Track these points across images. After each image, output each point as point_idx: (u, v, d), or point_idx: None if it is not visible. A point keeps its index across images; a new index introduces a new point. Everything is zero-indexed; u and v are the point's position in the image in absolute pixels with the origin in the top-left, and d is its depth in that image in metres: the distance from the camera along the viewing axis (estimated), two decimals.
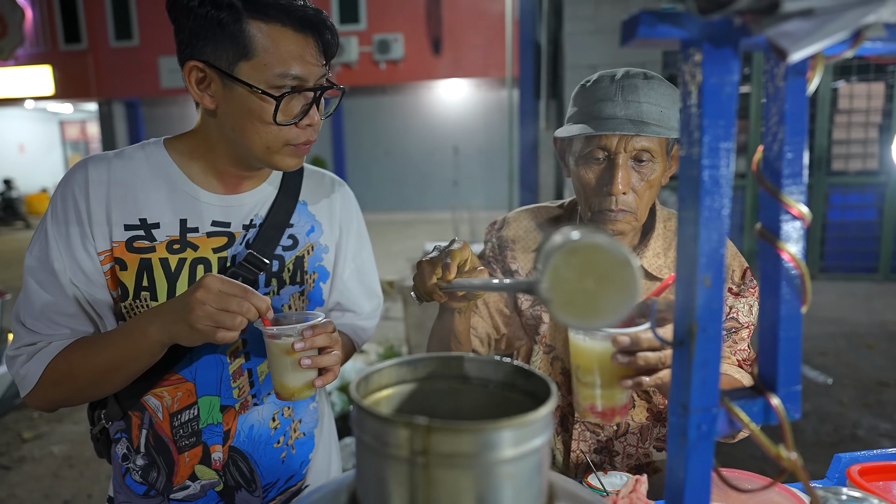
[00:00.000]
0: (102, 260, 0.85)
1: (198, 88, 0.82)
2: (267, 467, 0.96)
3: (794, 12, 0.37)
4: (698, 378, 0.44)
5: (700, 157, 0.42)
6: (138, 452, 0.93)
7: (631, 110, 0.91)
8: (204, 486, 0.93)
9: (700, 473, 0.46)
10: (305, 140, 0.86)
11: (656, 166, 0.94)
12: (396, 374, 0.49)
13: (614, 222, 0.95)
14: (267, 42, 0.79)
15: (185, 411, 0.91)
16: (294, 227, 0.97)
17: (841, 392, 3.35)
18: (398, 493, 0.38)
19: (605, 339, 0.70)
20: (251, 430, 0.94)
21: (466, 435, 0.36)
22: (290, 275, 0.95)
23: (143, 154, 0.90)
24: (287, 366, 0.82)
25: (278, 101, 0.80)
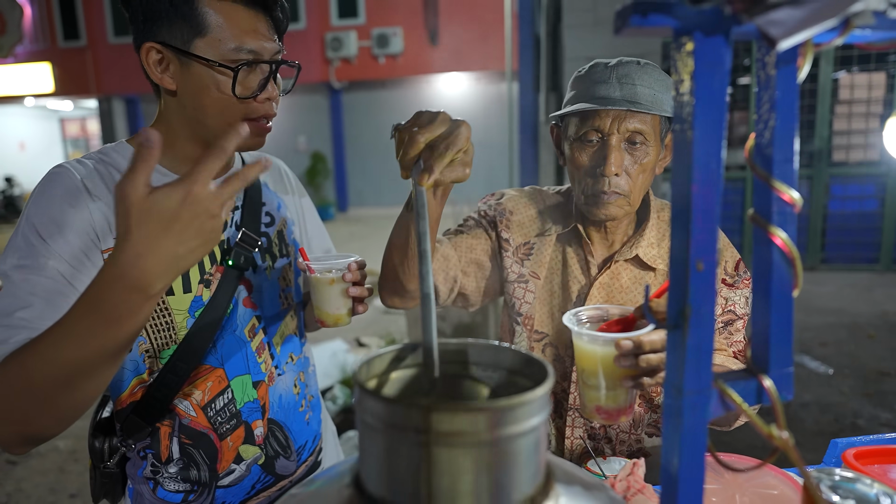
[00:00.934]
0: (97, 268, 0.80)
1: (156, 70, 0.83)
2: (297, 431, 1.03)
3: (783, 1, 0.38)
4: (692, 360, 0.46)
5: (692, 143, 0.43)
6: (169, 462, 0.91)
7: (625, 91, 0.93)
8: (248, 464, 0.96)
9: (694, 455, 0.47)
10: (264, 113, 0.86)
11: (650, 150, 0.96)
12: (398, 360, 0.51)
13: (607, 205, 0.96)
14: (220, 18, 0.80)
15: (217, 398, 0.93)
16: (266, 205, 1.02)
17: (842, 382, 3.37)
18: (400, 471, 0.39)
19: (608, 343, 0.73)
20: (281, 400, 1.00)
21: (465, 414, 0.37)
22: (277, 248, 1.02)
23: (112, 159, 0.87)
24: (334, 296, 0.94)
25: (235, 72, 0.81)
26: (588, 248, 1.04)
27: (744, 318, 1.01)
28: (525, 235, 1.08)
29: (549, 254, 1.07)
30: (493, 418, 0.38)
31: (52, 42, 13.24)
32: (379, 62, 11.90)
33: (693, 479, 0.47)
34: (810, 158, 5.85)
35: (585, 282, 1.05)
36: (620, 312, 0.77)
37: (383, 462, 0.40)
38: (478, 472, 0.38)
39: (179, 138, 0.88)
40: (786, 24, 0.38)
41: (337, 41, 11.67)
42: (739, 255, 1.05)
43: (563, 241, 1.07)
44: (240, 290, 0.94)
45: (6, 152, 15.94)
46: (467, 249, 1.07)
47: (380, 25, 11.71)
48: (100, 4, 12.84)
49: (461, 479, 0.38)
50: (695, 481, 0.47)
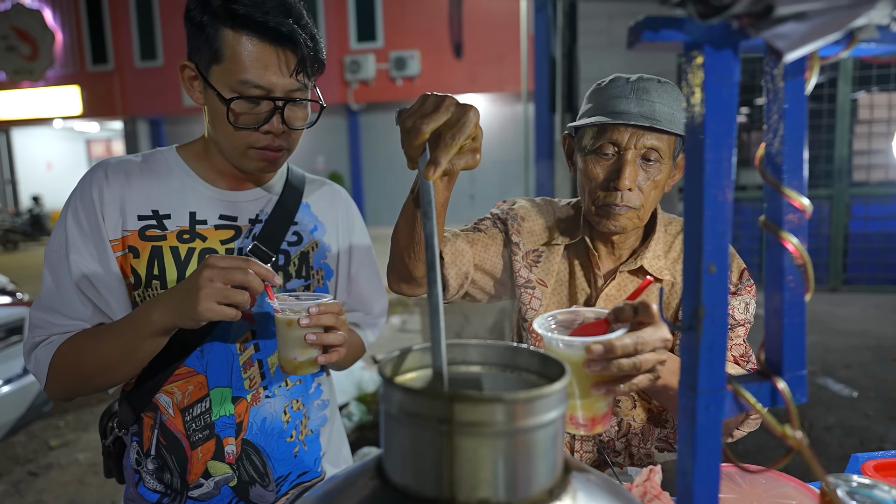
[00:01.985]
0: (114, 247, 0.90)
1: (191, 86, 0.90)
2: (279, 460, 0.99)
3: (788, 15, 0.40)
4: (706, 360, 0.47)
5: (703, 152, 0.45)
6: (149, 456, 0.94)
7: (644, 108, 0.94)
8: (218, 482, 0.95)
9: (709, 454, 0.48)
10: (266, 145, 0.89)
11: (663, 167, 0.97)
12: (420, 359, 0.53)
13: (617, 217, 0.97)
14: (235, 50, 0.85)
15: (196, 405, 0.93)
16: (298, 224, 1.02)
17: (867, 405, 3.29)
18: (423, 461, 0.41)
19: (581, 347, 0.66)
20: (264, 423, 0.97)
21: (486, 405, 0.39)
22: (295, 269, 1.00)
23: (156, 156, 0.96)
24: (291, 340, 0.85)
25: (227, 104, 0.85)
26: (594, 259, 1.05)
27: (745, 325, 1.01)
28: (534, 243, 1.09)
29: (557, 264, 1.07)
30: (514, 409, 0.40)
31: (82, 66, 13.72)
32: (396, 84, 12.10)
33: (708, 478, 0.48)
34: (830, 178, 5.80)
35: (592, 293, 1.05)
36: (595, 315, 0.72)
37: (407, 452, 0.42)
38: (498, 462, 0.40)
39: (212, 149, 0.95)
40: (791, 37, 0.41)
41: (355, 64, 11.91)
42: (745, 265, 1.06)
43: (571, 252, 1.08)
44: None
45: (34, 172, 16.41)
46: (483, 247, 1.07)
47: (397, 48, 11.94)
48: (128, 30, 13.29)
49: (482, 469, 0.40)
50: (710, 481, 0.48)
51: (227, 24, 0.84)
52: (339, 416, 1.14)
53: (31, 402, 2.71)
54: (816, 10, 0.40)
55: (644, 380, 0.67)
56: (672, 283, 1.04)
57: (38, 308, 0.91)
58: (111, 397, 1.03)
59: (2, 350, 2.65)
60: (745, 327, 1.01)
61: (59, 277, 0.90)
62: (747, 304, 1.01)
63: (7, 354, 2.67)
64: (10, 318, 2.70)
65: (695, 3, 0.40)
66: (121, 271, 0.91)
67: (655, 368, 0.67)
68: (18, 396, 2.65)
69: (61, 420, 3.49)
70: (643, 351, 0.65)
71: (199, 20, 0.85)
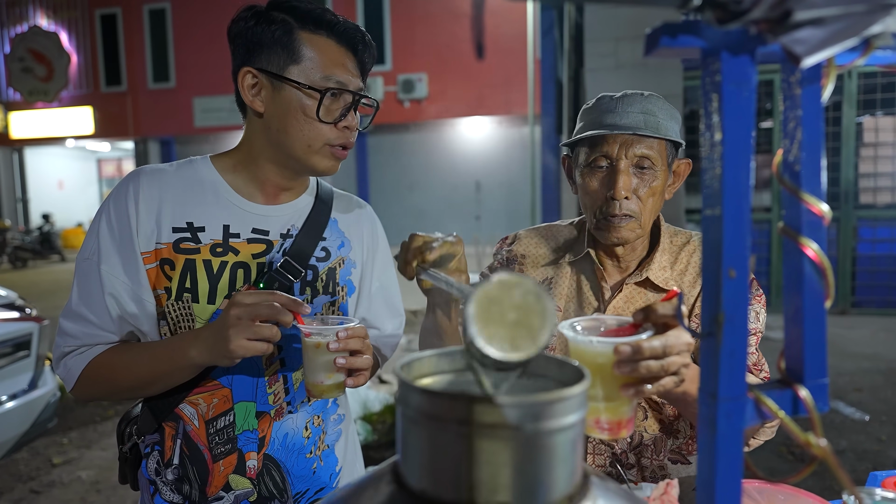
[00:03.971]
0: (146, 259, 0.91)
1: (249, 93, 0.92)
2: (298, 476, 0.98)
3: (806, 21, 0.40)
4: (726, 367, 0.46)
5: (722, 157, 0.45)
6: (169, 466, 0.94)
7: (629, 119, 0.97)
8: (238, 496, 0.94)
9: (731, 463, 0.47)
10: (343, 141, 0.93)
11: (657, 174, 0.99)
12: (435, 365, 0.52)
13: (618, 228, 0.99)
14: (313, 51, 0.90)
15: (220, 418, 0.93)
16: (327, 240, 1.02)
17: (879, 429, 3.23)
18: (442, 464, 0.40)
19: (608, 348, 0.66)
20: (285, 438, 0.97)
21: (506, 408, 0.39)
22: (322, 285, 1.00)
23: (192, 167, 0.97)
24: (319, 364, 0.85)
25: (322, 94, 0.89)
26: (601, 273, 1.05)
27: (756, 333, 1.00)
28: (542, 273, 1.10)
29: (567, 283, 1.08)
30: (534, 411, 0.39)
31: (95, 87, 13.97)
32: (404, 106, 12.24)
33: (730, 486, 0.47)
34: (836, 201, 5.79)
35: (600, 306, 1.06)
36: (617, 322, 0.71)
37: (425, 455, 0.41)
38: (518, 465, 0.40)
39: (258, 159, 0.96)
40: (809, 42, 0.41)
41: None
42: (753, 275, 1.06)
43: (577, 268, 1.09)
44: None
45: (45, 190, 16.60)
46: None
47: (405, 72, 12.11)
48: (141, 53, 13.57)
49: (502, 472, 0.40)
50: (732, 489, 0.47)
51: (304, 27, 0.90)
52: (354, 430, 1.13)
53: (36, 418, 2.70)
54: (834, 15, 0.41)
55: (670, 382, 0.68)
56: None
57: (67, 317, 0.92)
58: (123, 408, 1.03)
59: (8, 365, 2.64)
60: (757, 336, 1.01)
61: (90, 288, 0.91)
62: (757, 312, 1.01)
63: (13, 370, 2.66)
64: (19, 332, 2.70)
65: (713, 8, 0.41)
66: (151, 283, 0.92)
67: (680, 371, 0.68)
68: (23, 412, 2.64)
69: (65, 437, 3.47)
70: (670, 353, 0.66)
71: (267, 29, 0.89)
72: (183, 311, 0.91)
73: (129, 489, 1.02)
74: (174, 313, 0.91)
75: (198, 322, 0.92)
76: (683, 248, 1.07)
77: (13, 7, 14.34)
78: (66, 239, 14.97)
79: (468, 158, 13.26)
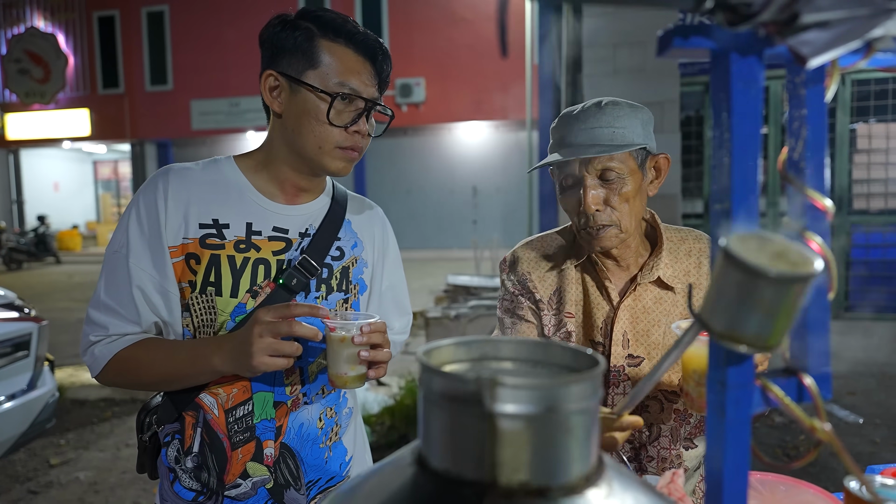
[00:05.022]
0: (172, 253, 0.95)
1: (270, 94, 0.97)
2: (311, 465, 1.02)
3: (812, 23, 0.42)
4: (734, 356, 0.48)
5: (731, 153, 0.47)
6: (189, 453, 0.97)
7: (584, 136, 0.99)
8: (255, 483, 0.97)
9: (739, 448, 0.49)
10: (352, 145, 0.96)
11: (626, 181, 1.00)
12: (453, 354, 0.54)
13: (599, 238, 1.02)
14: (332, 58, 0.94)
15: (239, 407, 0.96)
16: (341, 240, 1.06)
17: (873, 432, 3.26)
18: (465, 445, 0.42)
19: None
20: (301, 428, 1.00)
21: (528, 390, 0.41)
22: (337, 282, 1.04)
23: (217, 166, 1.01)
24: (343, 357, 0.89)
25: (333, 98, 0.92)
26: (604, 274, 1.08)
27: None
28: (551, 285, 1.12)
29: (574, 289, 1.11)
30: (554, 393, 0.41)
31: (93, 89, 13.95)
32: (402, 110, 12.28)
33: (738, 472, 0.49)
34: None
35: (609, 307, 1.08)
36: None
37: (448, 437, 0.43)
38: (539, 445, 0.41)
39: (277, 158, 1.00)
40: (815, 44, 0.43)
41: None
42: None
43: (581, 272, 1.11)
44: None
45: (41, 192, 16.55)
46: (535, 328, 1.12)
47: (403, 76, 12.15)
48: (139, 55, 13.56)
49: (523, 452, 0.41)
50: (739, 475, 0.49)
51: (326, 35, 0.94)
52: (362, 425, 1.17)
53: (35, 419, 2.69)
54: (838, 19, 0.43)
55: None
56: (683, 291, 1.07)
57: (95, 307, 0.96)
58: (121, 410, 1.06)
59: (7, 365, 2.64)
60: None
61: (118, 280, 0.95)
62: None
63: (12, 370, 2.66)
64: (18, 333, 2.69)
65: (724, 10, 0.43)
66: (177, 276, 0.95)
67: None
68: (22, 412, 2.64)
69: (62, 438, 3.46)
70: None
71: (290, 35, 0.94)
72: (206, 303, 0.95)
73: (129, 489, 1.04)
74: (198, 306, 0.95)
75: (220, 315, 0.95)
76: (680, 245, 1.09)
77: (10, 8, 14.32)
78: (62, 241, 14.91)
79: (465, 163, 13.30)
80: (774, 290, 0.42)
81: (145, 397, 1.08)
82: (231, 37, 12.77)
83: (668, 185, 3.47)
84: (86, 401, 4.08)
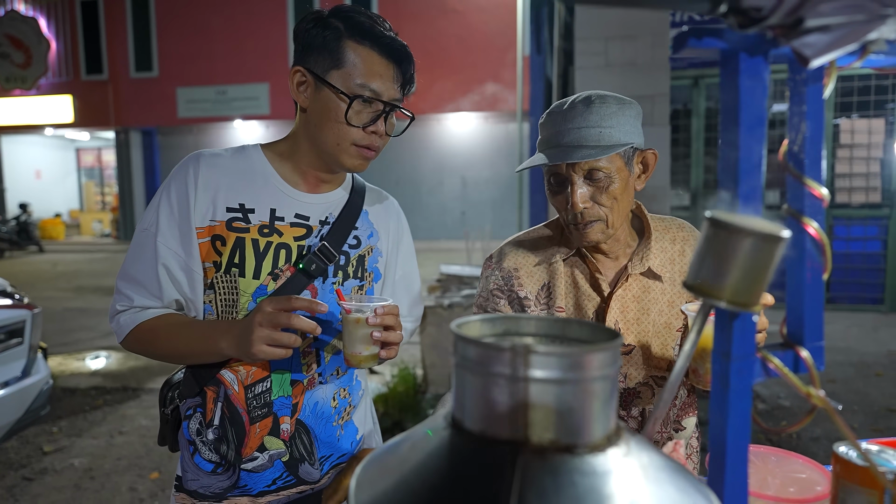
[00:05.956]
0: (199, 234, 0.99)
1: (297, 89, 1.00)
2: (324, 442, 1.06)
3: (814, 27, 0.47)
4: (738, 330, 0.53)
5: (738, 144, 0.52)
6: (210, 426, 1.02)
7: (571, 137, 1.00)
8: (272, 455, 1.02)
9: (741, 415, 0.54)
10: (368, 144, 1.00)
11: (613, 178, 1.01)
12: (479, 329, 0.58)
13: (586, 233, 1.04)
14: (357, 59, 0.96)
15: (258, 384, 1.01)
16: (358, 229, 1.10)
17: (851, 418, 3.38)
18: (499, 408, 0.46)
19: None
20: (315, 406, 1.05)
21: (558, 357, 0.45)
22: (353, 269, 1.08)
23: (245, 153, 1.05)
24: (358, 337, 0.94)
25: (351, 100, 0.96)
26: (594, 266, 1.10)
27: None
28: (539, 279, 1.13)
29: (563, 282, 1.12)
30: (580, 360, 0.45)
31: (76, 75, 13.69)
32: None
33: (739, 437, 0.54)
34: None
35: (600, 299, 1.10)
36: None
37: (483, 401, 0.47)
38: (566, 407, 0.46)
39: (300, 150, 1.04)
40: (816, 46, 0.48)
41: None
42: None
43: (570, 265, 1.13)
44: (304, 295, 1.02)
45: (23, 180, 16.25)
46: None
47: None
48: (123, 41, 13.32)
49: (553, 413, 0.46)
50: (741, 439, 0.54)
51: (353, 36, 0.97)
52: (372, 405, 1.22)
53: (29, 406, 2.70)
54: (838, 23, 0.47)
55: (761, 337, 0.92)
56: (672, 280, 1.10)
57: (123, 279, 1.01)
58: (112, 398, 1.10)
59: (1, 353, 2.64)
60: None
61: (146, 257, 0.99)
62: None
63: (6, 357, 2.66)
64: (11, 320, 2.69)
65: (736, 14, 0.47)
66: (202, 256, 0.99)
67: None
68: (16, 399, 2.64)
69: (55, 426, 3.46)
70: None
71: (320, 34, 0.97)
72: (230, 283, 0.99)
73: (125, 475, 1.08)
74: (222, 285, 0.99)
75: (241, 295, 0.99)
76: (666, 233, 1.12)
77: None
78: (44, 230, 14.69)
79: (455, 154, 13.32)
80: (750, 247, 0.48)
81: (136, 384, 1.12)
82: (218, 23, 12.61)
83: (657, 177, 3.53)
84: (77, 389, 4.07)
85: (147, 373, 4.35)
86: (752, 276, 0.49)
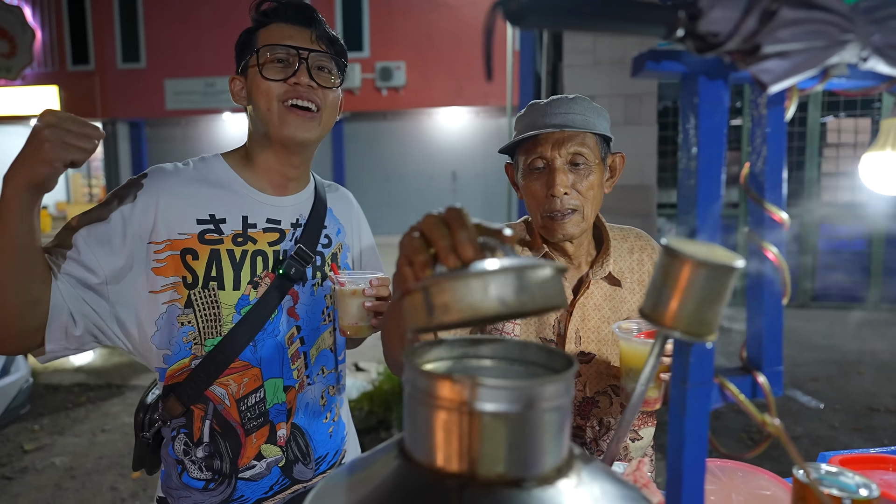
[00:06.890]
0: (162, 248, 0.95)
1: (239, 95, 1.02)
2: (319, 441, 1.07)
3: (772, 53, 0.46)
4: (696, 356, 0.52)
5: (697, 169, 0.51)
6: (200, 444, 0.98)
7: (557, 119, 1.04)
8: (269, 463, 1.01)
9: (697, 442, 0.53)
10: (293, 96, 0.97)
11: (592, 169, 1.05)
12: (435, 353, 0.57)
13: (563, 224, 1.04)
14: (265, 35, 1.00)
15: (251, 395, 0.99)
16: (327, 228, 1.11)
17: (833, 417, 3.41)
18: (447, 440, 0.45)
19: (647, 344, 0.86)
20: (307, 408, 1.05)
21: (505, 390, 0.44)
22: (328, 269, 1.09)
23: (206, 164, 1.03)
24: (354, 307, 0.99)
25: (257, 52, 0.97)
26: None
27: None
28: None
29: None
30: (530, 393, 0.44)
31: (62, 65, 13.48)
32: (381, 94, 12.17)
33: (696, 462, 0.53)
34: (800, 198, 6.02)
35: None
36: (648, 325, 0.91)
37: (432, 433, 0.46)
38: (515, 440, 0.45)
39: (256, 147, 1.04)
40: (774, 72, 0.47)
41: None
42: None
43: None
44: (287, 300, 1.02)
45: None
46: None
47: (383, 59, 12.02)
48: (110, 31, 13.13)
49: (501, 446, 0.45)
50: (698, 464, 0.53)
51: (261, 23, 1.00)
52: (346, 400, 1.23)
53: (9, 405, 2.66)
54: (796, 49, 0.46)
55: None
56: (632, 287, 1.12)
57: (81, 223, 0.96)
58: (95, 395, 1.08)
59: None
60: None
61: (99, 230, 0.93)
62: None
63: None
64: None
65: (693, 39, 0.46)
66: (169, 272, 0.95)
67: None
68: None
69: (36, 424, 3.42)
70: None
71: (244, 37, 1.02)
72: (209, 298, 0.97)
73: (106, 474, 1.06)
74: (201, 301, 0.97)
75: (223, 308, 0.97)
76: (624, 242, 1.14)
77: None
78: None
79: (445, 148, 13.27)
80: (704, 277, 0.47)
81: (121, 381, 1.10)
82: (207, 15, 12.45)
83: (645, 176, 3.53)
84: (59, 386, 4.03)
85: (132, 370, 4.32)
86: (707, 306, 0.49)
